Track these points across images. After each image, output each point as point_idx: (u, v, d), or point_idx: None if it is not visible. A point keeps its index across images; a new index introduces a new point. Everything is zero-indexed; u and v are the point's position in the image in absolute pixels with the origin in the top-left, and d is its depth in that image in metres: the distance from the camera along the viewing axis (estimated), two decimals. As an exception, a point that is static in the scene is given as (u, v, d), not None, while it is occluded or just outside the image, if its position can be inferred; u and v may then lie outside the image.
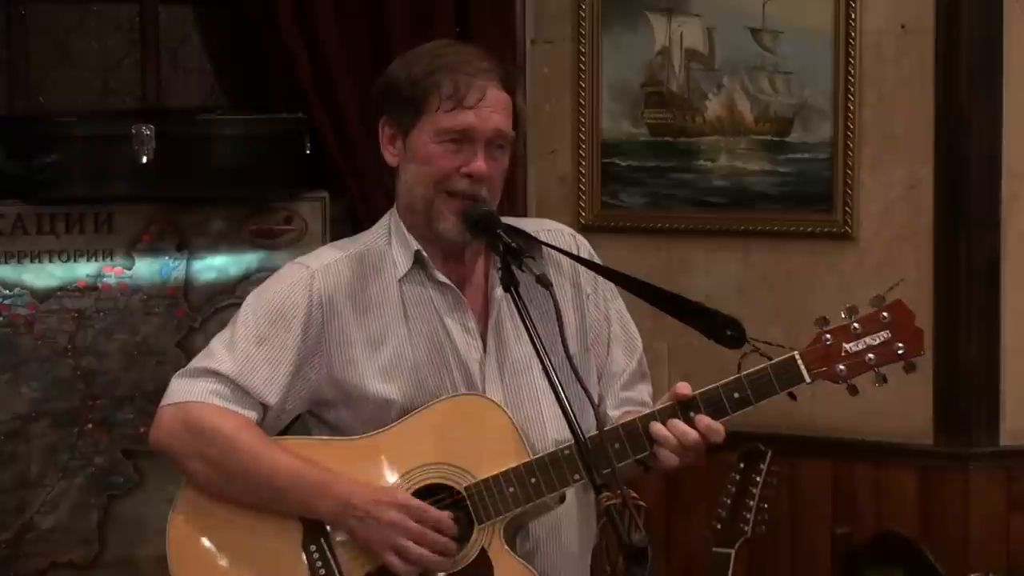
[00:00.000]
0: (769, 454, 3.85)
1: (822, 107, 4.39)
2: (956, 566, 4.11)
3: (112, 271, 4.15)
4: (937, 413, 4.33)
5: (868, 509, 4.39)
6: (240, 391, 2.93)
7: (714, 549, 3.77)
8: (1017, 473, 4.31)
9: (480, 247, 3.01)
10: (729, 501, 3.80)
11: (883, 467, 4.39)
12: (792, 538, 4.45)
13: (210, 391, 2.92)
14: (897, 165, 4.36)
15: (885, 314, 2.89)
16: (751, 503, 3.79)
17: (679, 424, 2.86)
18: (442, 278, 2.99)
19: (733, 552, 3.75)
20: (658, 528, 4.47)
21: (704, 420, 2.85)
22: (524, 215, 4.52)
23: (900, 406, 4.29)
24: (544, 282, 2.79)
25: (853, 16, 4.33)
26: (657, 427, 2.86)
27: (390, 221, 3.04)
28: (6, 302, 4.06)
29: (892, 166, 4.36)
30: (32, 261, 4.09)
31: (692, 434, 2.85)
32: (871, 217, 4.38)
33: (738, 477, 3.83)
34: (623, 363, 3.12)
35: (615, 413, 3.06)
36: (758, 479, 3.82)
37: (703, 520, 3.99)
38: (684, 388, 2.88)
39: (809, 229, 4.44)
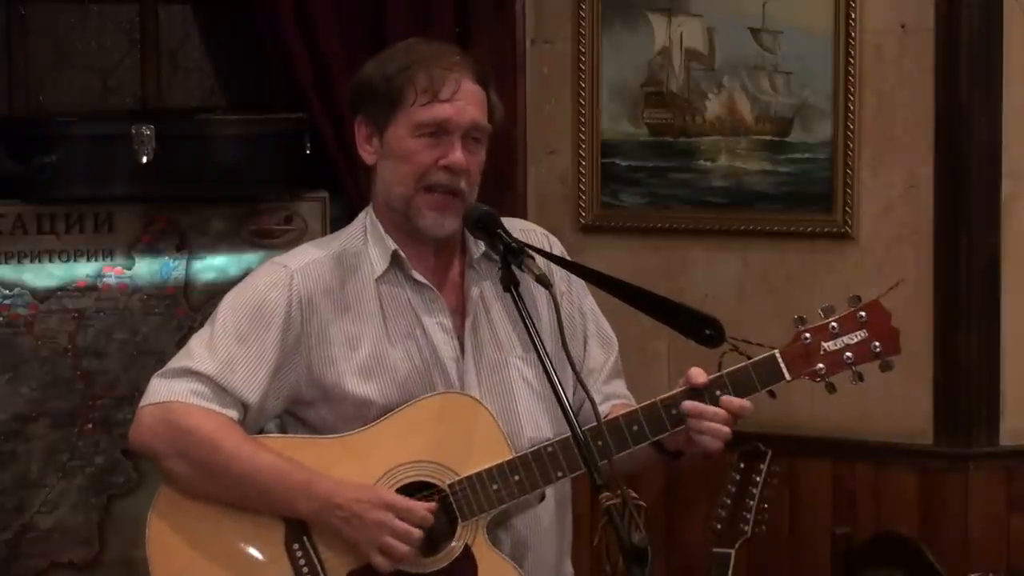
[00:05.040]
0: (769, 454, 3.84)
1: (822, 107, 4.39)
2: (956, 566, 4.11)
3: (112, 271, 4.15)
4: (937, 413, 4.33)
5: (868, 509, 4.38)
6: (220, 391, 2.93)
7: (714, 549, 3.77)
8: (1017, 473, 4.31)
9: (456, 247, 3.02)
10: (729, 501, 3.80)
11: (883, 467, 4.39)
12: (792, 538, 4.45)
13: (191, 391, 2.93)
14: (897, 165, 4.35)
15: (862, 313, 2.94)
16: (751, 503, 3.79)
17: (707, 406, 2.90)
18: (419, 277, 3.00)
19: (733, 552, 3.75)
20: (658, 528, 4.47)
21: (729, 399, 2.90)
22: (524, 215, 4.52)
23: (900, 406, 4.29)
24: (544, 282, 2.81)
25: (853, 16, 4.33)
26: (692, 404, 2.90)
27: (366, 219, 3.05)
28: (6, 302, 4.06)
29: (892, 166, 4.36)
30: (32, 261, 4.09)
31: (722, 412, 2.89)
32: (871, 217, 4.38)
33: (738, 477, 3.83)
34: (601, 359, 3.15)
35: (602, 408, 3.08)
36: (758, 479, 3.81)
37: (703, 520, 3.99)
38: (699, 376, 2.91)
39: (809, 229, 4.44)
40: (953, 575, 4.03)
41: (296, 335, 2.96)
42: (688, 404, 2.90)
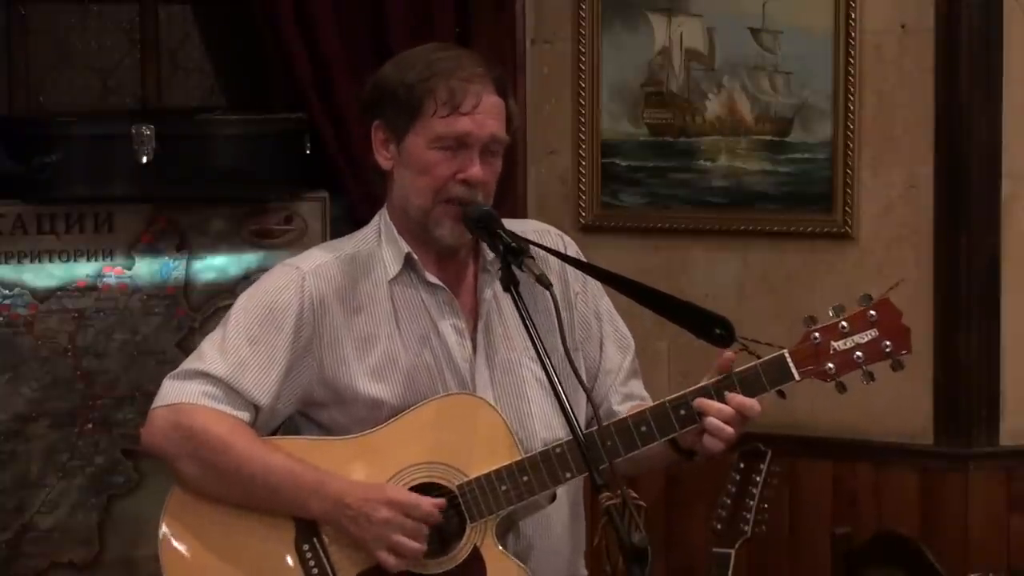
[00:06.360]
0: (769, 454, 3.84)
1: (822, 107, 4.39)
2: (956, 566, 4.11)
3: (112, 271, 4.15)
4: (937, 413, 4.33)
5: (868, 509, 4.38)
6: (232, 392, 2.93)
7: (714, 549, 3.76)
8: (1017, 473, 4.31)
9: (469, 249, 3.03)
10: (729, 501, 3.79)
11: (883, 467, 4.39)
12: (792, 538, 4.45)
13: (202, 392, 2.93)
14: (897, 165, 4.35)
15: (872, 312, 2.93)
16: (751, 503, 3.78)
17: (713, 402, 2.90)
18: (433, 279, 3.00)
19: (733, 552, 3.74)
20: (658, 528, 4.47)
21: (736, 398, 2.89)
22: (524, 215, 4.52)
23: (900, 406, 4.29)
24: (544, 282, 2.80)
25: (853, 16, 4.33)
26: (700, 400, 2.90)
27: (380, 222, 3.05)
28: (6, 302, 4.06)
29: (892, 166, 4.36)
30: (32, 261, 4.09)
31: (727, 409, 2.88)
32: (871, 217, 4.38)
33: (738, 477, 3.82)
34: (618, 360, 3.14)
35: (621, 408, 3.08)
36: (758, 479, 3.81)
37: (703, 520, 3.98)
38: (725, 363, 2.91)
39: (809, 229, 4.44)
40: (953, 575, 4.03)
41: (308, 337, 2.96)
42: (698, 400, 2.90)
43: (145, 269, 4.18)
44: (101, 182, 4.08)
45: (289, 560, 2.92)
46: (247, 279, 4.16)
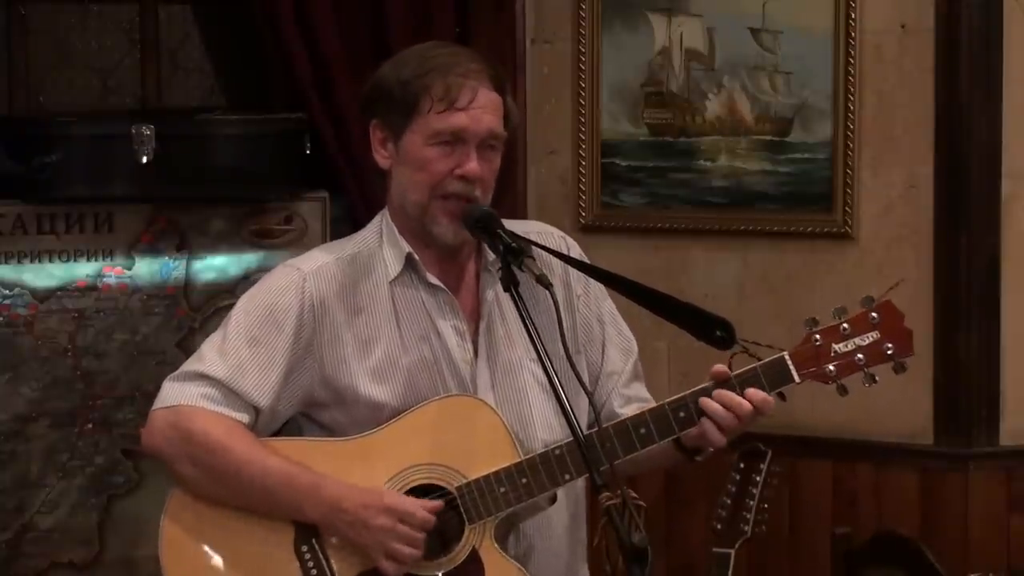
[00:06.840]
0: (769, 454, 3.84)
1: (822, 107, 4.39)
2: (956, 566, 4.11)
3: (112, 271, 4.15)
4: (937, 413, 4.33)
5: (868, 509, 4.38)
6: (231, 394, 2.93)
7: (714, 549, 3.77)
8: (1017, 473, 4.31)
9: (471, 250, 3.02)
10: (729, 501, 3.80)
11: (883, 467, 4.39)
12: (792, 538, 4.45)
13: (201, 395, 2.93)
14: (897, 165, 4.35)
15: (874, 314, 2.92)
16: (751, 503, 3.79)
17: (729, 394, 2.88)
18: (434, 280, 2.99)
19: (733, 552, 3.75)
20: (658, 528, 4.47)
21: (755, 391, 2.88)
22: (524, 215, 4.52)
23: (900, 406, 4.29)
24: (544, 282, 2.80)
25: (853, 16, 4.33)
26: (707, 401, 2.88)
27: (382, 222, 3.05)
28: (6, 302, 4.06)
29: (892, 166, 4.36)
30: (32, 261, 4.09)
31: (745, 405, 2.87)
32: (871, 217, 4.38)
33: (738, 477, 3.83)
34: (620, 363, 3.14)
35: (624, 411, 3.07)
36: (758, 479, 3.81)
37: (703, 520, 3.99)
38: (722, 369, 2.90)
39: (809, 229, 4.44)
40: (953, 575, 4.03)
41: (308, 338, 2.96)
42: (718, 392, 2.88)
43: (145, 269, 4.18)
44: (101, 182, 4.08)
45: (288, 561, 2.92)
46: (247, 279, 4.17)
